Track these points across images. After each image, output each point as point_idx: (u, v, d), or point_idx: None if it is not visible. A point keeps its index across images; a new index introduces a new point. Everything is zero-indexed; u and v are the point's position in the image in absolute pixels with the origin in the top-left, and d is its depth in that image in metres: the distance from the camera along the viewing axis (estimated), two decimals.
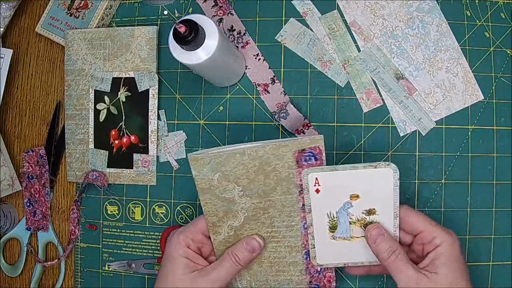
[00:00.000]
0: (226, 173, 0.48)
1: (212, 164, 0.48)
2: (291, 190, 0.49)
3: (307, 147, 0.47)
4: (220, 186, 0.49)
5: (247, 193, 0.49)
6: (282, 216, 0.50)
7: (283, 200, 0.49)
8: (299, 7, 0.61)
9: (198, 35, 0.47)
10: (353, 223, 0.49)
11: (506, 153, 0.57)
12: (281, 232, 0.50)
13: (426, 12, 0.59)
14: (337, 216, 0.49)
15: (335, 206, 0.48)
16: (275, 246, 0.51)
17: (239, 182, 0.49)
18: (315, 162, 0.47)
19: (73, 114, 0.64)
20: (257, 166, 0.48)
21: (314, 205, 0.49)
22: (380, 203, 0.47)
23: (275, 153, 0.47)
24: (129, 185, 0.63)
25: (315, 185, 0.48)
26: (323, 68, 0.60)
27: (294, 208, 0.49)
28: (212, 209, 0.50)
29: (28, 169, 0.63)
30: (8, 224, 0.64)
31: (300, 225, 0.50)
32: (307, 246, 0.51)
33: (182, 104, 0.62)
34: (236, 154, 0.47)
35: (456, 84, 0.58)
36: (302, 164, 0.48)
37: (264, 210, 0.50)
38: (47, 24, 0.65)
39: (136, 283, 0.62)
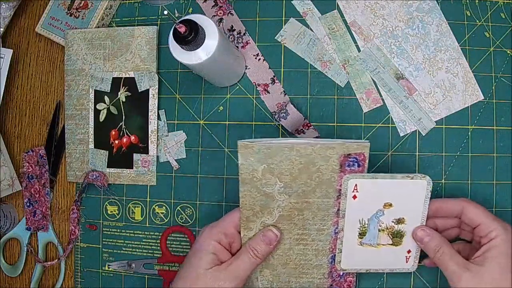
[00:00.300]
0: (272, 166, 0.48)
1: (260, 154, 0.47)
2: (329, 194, 0.49)
3: (353, 153, 0.47)
4: (263, 178, 0.48)
5: (287, 190, 0.49)
6: (315, 220, 0.50)
7: (320, 203, 0.49)
8: (299, 7, 0.61)
9: (198, 35, 0.47)
10: (382, 231, 0.50)
11: (506, 153, 0.57)
12: (311, 235, 0.51)
13: (426, 12, 0.59)
14: (368, 223, 0.50)
15: (368, 213, 0.49)
16: (302, 249, 0.51)
17: (282, 178, 0.48)
18: (357, 168, 0.48)
19: (73, 114, 0.64)
20: (302, 164, 0.48)
21: (349, 210, 0.49)
22: (410, 213, 0.49)
23: (322, 153, 0.47)
24: (129, 185, 0.63)
25: (353, 191, 0.49)
26: (323, 68, 0.60)
27: (328, 213, 0.50)
28: (249, 202, 0.49)
29: (28, 169, 0.63)
30: (8, 224, 0.64)
31: (331, 230, 0.50)
32: (334, 251, 0.51)
33: (182, 104, 0.62)
34: (285, 148, 0.47)
35: (456, 84, 0.58)
36: (345, 169, 0.48)
37: (299, 212, 0.50)
38: (47, 24, 0.65)
39: (136, 283, 0.62)
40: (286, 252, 0.51)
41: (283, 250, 0.51)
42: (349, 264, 0.51)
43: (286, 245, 0.51)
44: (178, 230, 0.61)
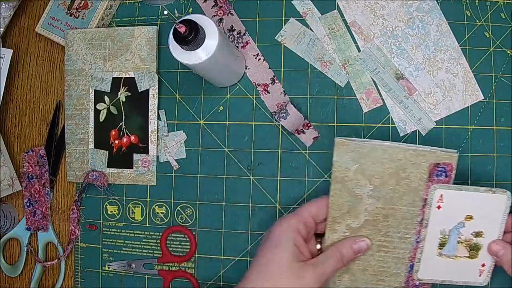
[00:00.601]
0: (364, 166, 0.48)
1: (355, 153, 0.48)
2: (415, 203, 0.49)
3: (441, 162, 0.48)
4: (354, 179, 0.49)
5: (376, 194, 0.49)
6: (399, 227, 0.50)
7: (405, 212, 0.49)
8: (299, 7, 0.61)
9: (198, 35, 0.47)
10: (460, 243, 0.50)
11: (506, 153, 0.57)
12: (393, 242, 0.50)
13: (426, 12, 0.59)
14: (448, 234, 0.49)
15: (450, 224, 0.49)
16: (383, 256, 0.51)
17: (372, 180, 0.48)
18: (444, 178, 0.48)
19: (73, 114, 0.64)
20: (393, 169, 0.48)
21: (432, 221, 0.49)
22: (489, 226, 0.49)
23: (413, 160, 0.48)
24: (129, 185, 0.63)
25: (438, 202, 0.49)
26: (323, 68, 0.60)
27: (412, 221, 0.50)
28: (338, 202, 0.49)
29: (28, 169, 0.63)
30: (8, 224, 0.64)
31: (413, 239, 0.50)
32: (413, 260, 0.51)
33: (182, 104, 0.62)
34: (378, 150, 0.48)
35: (456, 84, 0.58)
36: (433, 178, 0.48)
37: (384, 218, 0.49)
38: (47, 24, 0.65)
39: (136, 283, 0.62)
40: (367, 258, 0.51)
41: (364, 256, 0.51)
42: (426, 274, 0.51)
43: (368, 251, 0.51)
44: (178, 230, 0.61)
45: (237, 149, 0.61)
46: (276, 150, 0.60)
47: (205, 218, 0.61)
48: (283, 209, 0.59)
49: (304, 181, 0.59)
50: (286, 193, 0.59)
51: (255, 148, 0.60)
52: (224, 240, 0.60)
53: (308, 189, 0.59)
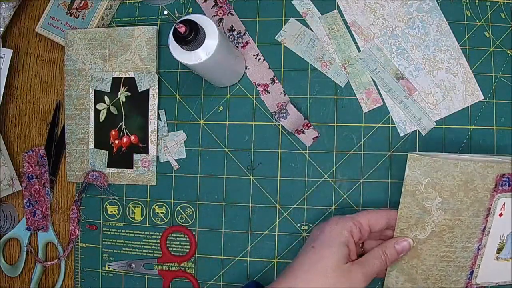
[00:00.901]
0: (435, 180, 0.49)
1: (427, 167, 0.48)
2: (480, 213, 0.50)
3: (507, 172, 0.48)
4: (425, 192, 0.49)
5: (444, 206, 0.49)
6: (463, 237, 0.50)
7: (470, 222, 0.50)
8: (299, 7, 0.61)
9: (198, 35, 0.47)
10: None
11: (506, 153, 0.57)
12: (456, 252, 0.51)
13: (426, 12, 0.59)
14: (507, 239, 0.51)
15: (508, 229, 0.51)
16: (445, 266, 0.51)
17: (442, 193, 0.49)
18: (507, 188, 0.49)
19: (73, 114, 0.64)
20: (462, 181, 0.48)
21: (494, 228, 0.50)
22: None
23: (481, 172, 0.48)
24: (129, 185, 0.63)
25: (500, 210, 0.50)
26: (323, 68, 0.60)
27: (475, 230, 0.50)
28: (407, 214, 0.50)
29: (28, 169, 0.63)
30: (8, 224, 0.64)
31: (475, 247, 0.51)
32: (474, 266, 0.51)
33: (182, 104, 0.62)
34: (450, 164, 0.48)
35: (456, 84, 0.58)
36: (498, 188, 0.49)
37: (450, 229, 0.50)
38: (47, 24, 0.65)
39: (136, 283, 0.62)
40: (430, 268, 0.51)
41: (427, 266, 0.51)
42: (484, 278, 0.52)
43: (431, 262, 0.51)
44: (178, 230, 0.61)
45: (237, 149, 0.61)
46: (276, 150, 0.60)
47: (205, 218, 0.61)
48: (283, 209, 0.59)
49: (304, 181, 0.59)
50: (286, 193, 0.59)
51: (255, 148, 0.60)
52: (224, 240, 0.60)
53: (308, 189, 0.59)
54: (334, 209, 0.58)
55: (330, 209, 0.58)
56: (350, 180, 0.58)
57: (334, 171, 0.59)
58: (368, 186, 0.58)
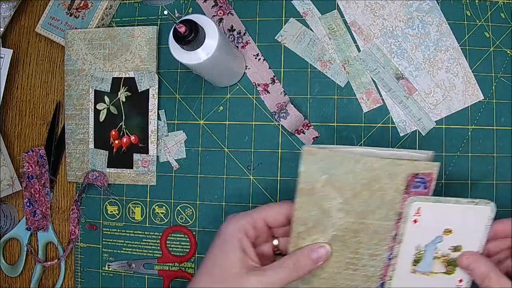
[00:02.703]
0: (334, 177, 0.44)
1: (324, 163, 0.43)
2: (389, 217, 0.45)
3: (421, 172, 0.43)
4: (323, 191, 0.44)
5: (347, 207, 0.44)
6: (370, 244, 0.46)
7: (378, 226, 0.45)
8: (299, 7, 0.61)
9: (198, 35, 0.47)
10: (437, 258, 0.46)
11: (506, 153, 0.57)
12: (363, 260, 0.46)
13: (426, 12, 0.59)
14: (424, 250, 0.46)
15: (427, 239, 0.45)
16: (351, 274, 0.47)
17: (343, 192, 0.44)
18: (422, 190, 0.44)
19: (73, 114, 0.64)
20: (366, 180, 0.44)
21: (407, 235, 0.45)
22: (468, 240, 0.45)
23: (390, 170, 0.43)
24: (129, 185, 0.63)
25: (415, 215, 0.45)
26: (323, 68, 0.60)
27: (385, 236, 0.45)
28: (304, 216, 0.45)
29: (28, 169, 0.63)
30: (8, 224, 0.64)
31: (385, 255, 0.46)
32: (385, 278, 0.47)
33: (182, 104, 0.62)
34: (351, 160, 0.43)
35: (456, 84, 0.58)
36: (411, 190, 0.44)
37: (354, 233, 0.45)
38: (47, 24, 0.65)
39: (136, 283, 0.62)
40: (334, 276, 0.47)
41: (330, 274, 0.46)
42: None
43: (334, 269, 0.46)
44: (178, 230, 0.61)
45: (237, 149, 0.61)
46: (276, 150, 0.60)
47: (205, 218, 0.61)
48: None
49: None
50: (285, 193, 0.59)
51: (255, 148, 0.60)
52: None
53: None
54: None
55: None
56: None
57: None
58: None
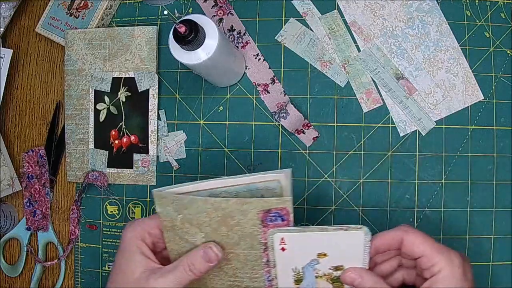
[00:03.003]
0: (189, 216, 0.44)
1: (176, 204, 0.44)
2: (255, 246, 0.45)
3: (273, 208, 0.42)
4: (184, 227, 0.45)
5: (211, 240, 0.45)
6: (246, 269, 0.46)
7: (247, 254, 0.45)
8: (299, 7, 0.61)
9: (198, 35, 0.47)
10: (319, 277, 0.45)
11: (506, 153, 0.57)
12: (244, 282, 0.47)
13: (426, 12, 0.59)
14: (303, 271, 0.45)
15: (301, 263, 0.45)
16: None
17: (202, 228, 0.44)
18: (281, 222, 0.43)
19: (73, 114, 0.64)
20: (220, 217, 0.44)
21: (279, 261, 0.45)
22: (349, 260, 0.44)
23: (239, 208, 0.43)
24: (129, 185, 0.63)
25: (280, 244, 0.44)
26: (323, 68, 0.60)
27: (258, 263, 0.46)
28: (175, 247, 0.46)
29: (28, 169, 0.63)
30: (8, 224, 0.64)
31: (264, 278, 0.47)
32: None
33: (182, 104, 0.62)
34: (198, 201, 0.43)
35: (456, 84, 0.58)
36: (268, 224, 0.44)
37: (227, 261, 0.46)
38: (47, 24, 0.65)
39: None
40: None
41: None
42: None
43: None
44: None
45: (237, 149, 0.61)
46: (276, 150, 0.60)
47: None
48: None
49: (304, 181, 0.59)
50: None
51: (255, 148, 0.60)
52: None
53: (308, 189, 0.59)
54: (334, 209, 0.58)
55: (330, 209, 0.58)
56: (350, 180, 0.58)
57: (334, 171, 0.59)
58: (368, 186, 0.58)
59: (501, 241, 0.56)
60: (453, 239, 0.56)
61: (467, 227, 0.56)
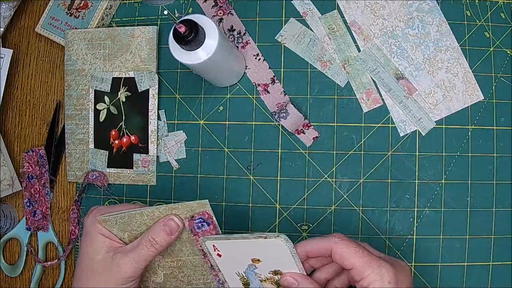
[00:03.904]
0: (133, 232, 0.47)
1: (119, 224, 0.46)
2: (196, 252, 0.48)
3: (196, 213, 0.45)
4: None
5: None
6: (197, 275, 0.49)
7: (192, 260, 0.48)
8: (299, 7, 0.61)
9: (198, 35, 0.47)
10: (264, 281, 0.47)
11: (506, 153, 0.57)
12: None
13: (426, 12, 0.59)
14: (246, 276, 0.47)
15: (241, 267, 0.47)
16: None
17: None
18: (208, 227, 0.46)
19: (73, 114, 0.64)
20: None
21: (221, 266, 0.48)
22: (283, 266, 0.45)
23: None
24: (129, 185, 0.63)
25: (215, 250, 0.47)
26: (323, 68, 0.60)
27: (204, 268, 0.49)
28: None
29: (28, 169, 0.63)
30: (8, 224, 0.64)
31: (215, 282, 0.49)
32: None
33: (182, 104, 0.62)
34: (136, 215, 0.46)
35: (456, 84, 0.58)
36: (197, 232, 0.46)
37: (179, 269, 0.49)
38: (47, 24, 0.65)
39: None
40: None
41: None
42: None
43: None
44: None
45: (237, 149, 0.61)
46: (276, 150, 0.60)
47: None
48: (283, 209, 0.59)
49: (304, 181, 0.59)
50: (286, 193, 0.59)
51: (255, 148, 0.60)
52: None
53: (308, 189, 0.59)
54: (334, 209, 0.58)
55: (330, 209, 0.58)
56: (350, 180, 0.58)
57: (334, 171, 0.59)
58: (368, 186, 0.58)
59: (501, 241, 0.56)
60: (453, 239, 0.56)
61: (467, 227, 0.56)
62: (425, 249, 0.57)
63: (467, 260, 0.56)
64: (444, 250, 0.56)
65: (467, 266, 0.56)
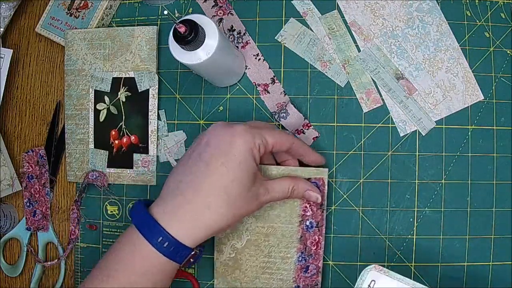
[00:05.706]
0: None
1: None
2: (292, 220, 0.49)
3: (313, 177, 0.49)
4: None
5: (255, 213, 0.48)
6: (280, 247, 0.50)
7: (284, 229, 0.50)
8: (299, 7, 0.61)
9: (198, 35, 0.47)
10: None
11: (506, 153, 0.57)
12: (276, 263, 0.50)
13: (426, 12, 0.59)
14: None
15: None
16: (268, 278, 0.51)
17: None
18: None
19: (73, 114, 0.64)
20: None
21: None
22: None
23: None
24: (129, 185, 0.63)
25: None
26: (323, 68, 0.60)
27: (292, 239, 0.50)
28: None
29: (28, 169, 0.63)
30: (8, 224, 0.64)
31: (295, 258, 0.50)
32: (298, 281, 0.50)
33: (182, 104, 0.62)
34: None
35: (456, 84, 0.58)
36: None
37: (265, 237, 0.50)
38: (47, 24, 0.65)
39: None
40: (253, 280, 0.51)
41: (250, 278, 0.50)
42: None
43: (253, 273, 0.50)
44: None
45: None
46: None
47: None
48: None
49: None
50: None
51: None
52: None
53: None
54: (334, 209, 0.58)
55: (330, 209, 0.58)
56: (350, 180, 0.58)
57: (334, 171, 0.59)
58: (368, 186, 0.58)
59: (501, 241, 0.56)
60: (453, 239, 0.56)
61: (467, 227, 0.56)
62: (425, 249, 0.57)
63: (467, 260, 0.56)
64: (444, 250, 0.56)
65: (467, 266, 0.56)
